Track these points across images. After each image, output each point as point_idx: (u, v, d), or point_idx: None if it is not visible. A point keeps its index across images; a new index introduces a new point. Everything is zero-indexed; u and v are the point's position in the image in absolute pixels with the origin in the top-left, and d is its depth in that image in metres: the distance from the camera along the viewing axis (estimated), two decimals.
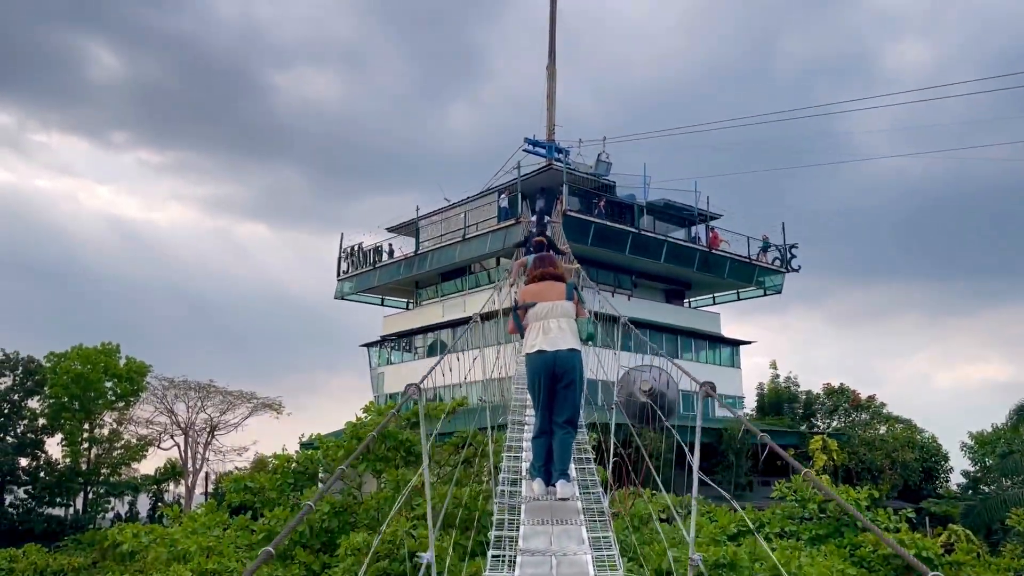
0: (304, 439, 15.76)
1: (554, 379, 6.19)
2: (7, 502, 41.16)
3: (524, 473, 6.72)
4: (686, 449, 4.68)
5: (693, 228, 37.52)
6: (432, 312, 37.58)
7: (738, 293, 40.08)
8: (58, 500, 42.42)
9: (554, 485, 6.14)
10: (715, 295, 40.93)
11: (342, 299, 41.99)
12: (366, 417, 12.79)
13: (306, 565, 8.72)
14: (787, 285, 38.76)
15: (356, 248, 40.49)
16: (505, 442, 7.91)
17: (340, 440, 11.84)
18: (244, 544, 10.33)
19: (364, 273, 40.14)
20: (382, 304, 43.29)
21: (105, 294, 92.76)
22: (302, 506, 10.17)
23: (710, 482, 4.49)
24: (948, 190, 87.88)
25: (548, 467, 6.27)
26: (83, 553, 25.62)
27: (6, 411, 42.43)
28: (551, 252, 7.81)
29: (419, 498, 9.54)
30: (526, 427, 8.39)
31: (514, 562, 5.13)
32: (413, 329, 38.49)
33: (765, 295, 39.39)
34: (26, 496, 41.67)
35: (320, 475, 13.09)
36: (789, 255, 38.19)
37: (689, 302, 40.36)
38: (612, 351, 10.86)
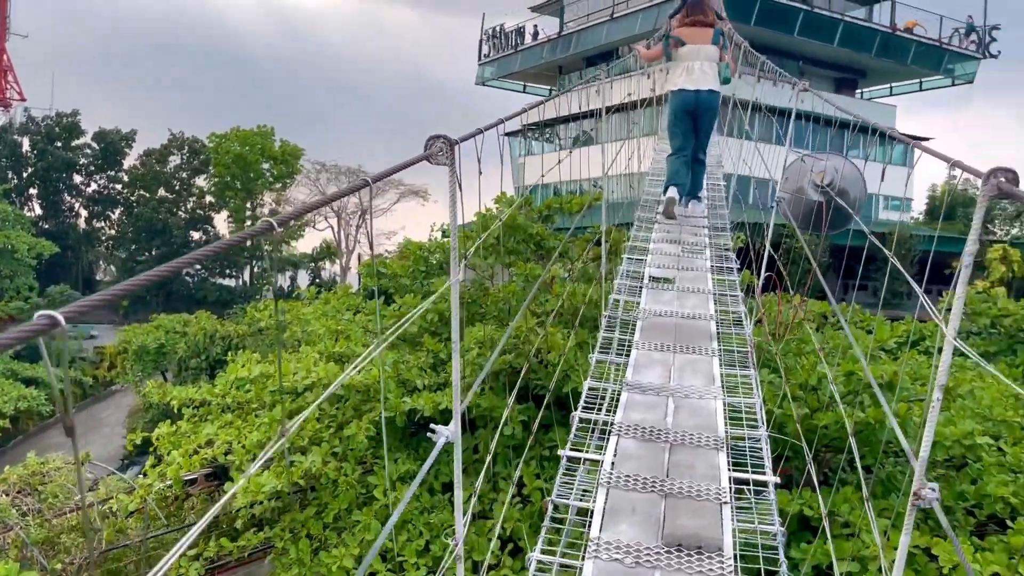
0: (438, 227, 15.46)
1: (695, 114, 7.28)
2: (184, 272, 45.29)
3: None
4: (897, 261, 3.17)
5: (876, 6, 32.85)
6: (575, 100, 35.76)
7: (920, 83, 35.51)
8: (228, 272, 46.40)
9: (685, 204, 7.46)
10: (892, 85, 36.51)
11: (483, 84, 40.73)
12: (496, 208, 12.24)
13: (434, 353, 8.55)
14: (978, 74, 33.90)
15: (498, 29, 38.56)
16: (628, 242, 6.81)
17: (468, 231, 11.41)
18: (374, 329, 10.31)
19: (506, 57, 38.43)
20: (524, 91, 41.72)
21: (258, 75, 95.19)
22: (432, 293, 9.95)
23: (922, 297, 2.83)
24: None
25: (685, 183, 7.40)
26: (247, 322, 27.64)
27: (177, 187, 45.61)
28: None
29: (546, 295, 9.05)
30: (655, 226, 7.41)
31: (616, 399, 3.76)
32: (555, 118, 36.98)
33: (953, 85, 34.69)
34: (199, 267, 45.66)
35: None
36: (988, 38, 33.05)
37: (861, 92, 36.28)
38: (770, 145, 9.55)
